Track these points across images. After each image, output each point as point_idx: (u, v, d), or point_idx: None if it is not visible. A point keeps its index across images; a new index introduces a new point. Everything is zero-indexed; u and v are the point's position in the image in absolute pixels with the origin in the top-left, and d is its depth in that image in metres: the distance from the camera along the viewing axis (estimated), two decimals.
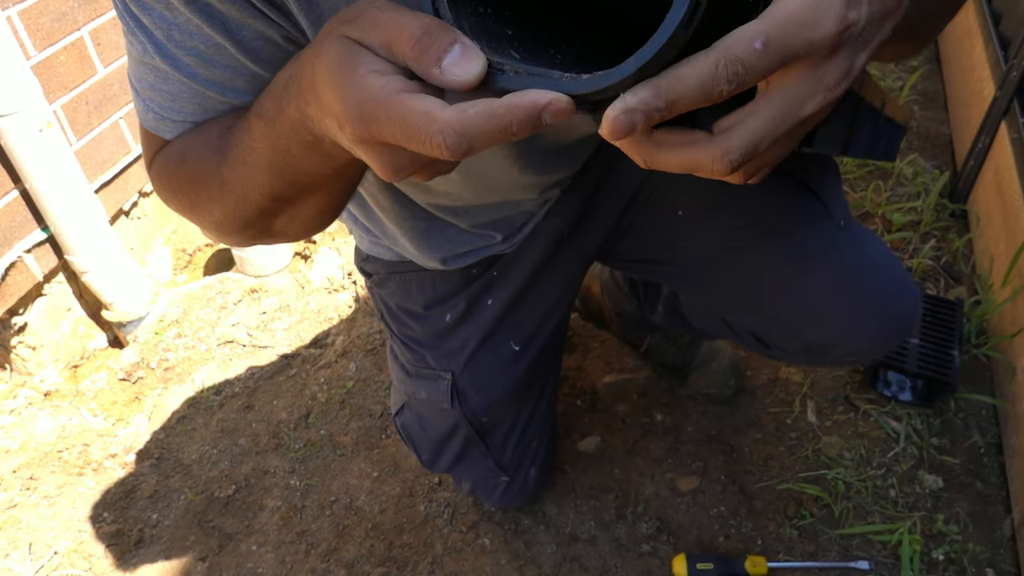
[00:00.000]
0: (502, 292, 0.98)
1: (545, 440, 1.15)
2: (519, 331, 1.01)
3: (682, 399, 1.41)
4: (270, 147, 0.51)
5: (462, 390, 1.01)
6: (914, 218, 1.77)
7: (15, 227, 1.40)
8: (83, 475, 1.35)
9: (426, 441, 1.11)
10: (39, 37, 1.38)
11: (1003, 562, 1.15)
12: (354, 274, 1.73)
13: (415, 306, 1.00)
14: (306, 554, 1.21)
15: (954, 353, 1.34)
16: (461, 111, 0.36)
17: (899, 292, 0.92)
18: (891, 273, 0.92)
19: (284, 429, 1.42)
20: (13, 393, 1.47)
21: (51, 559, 1.22)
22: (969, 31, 2.04)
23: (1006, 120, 1.59)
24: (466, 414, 1.03)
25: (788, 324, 0.95)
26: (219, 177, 0.57)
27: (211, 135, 0.58)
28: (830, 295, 0.89)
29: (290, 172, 0.52)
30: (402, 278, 1.00)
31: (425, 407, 1.06)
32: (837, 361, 0.99)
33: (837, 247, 0.90)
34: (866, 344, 0.92)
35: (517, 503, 1.23)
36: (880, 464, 1.29)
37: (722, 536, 1.20)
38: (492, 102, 0.35)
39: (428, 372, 1.03)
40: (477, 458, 1.10)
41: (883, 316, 0.90)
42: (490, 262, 0.98)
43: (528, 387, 1.06)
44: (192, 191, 0.60)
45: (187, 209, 0.64)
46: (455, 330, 1.00)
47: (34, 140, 1.31)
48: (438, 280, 0.98)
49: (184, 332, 1.59)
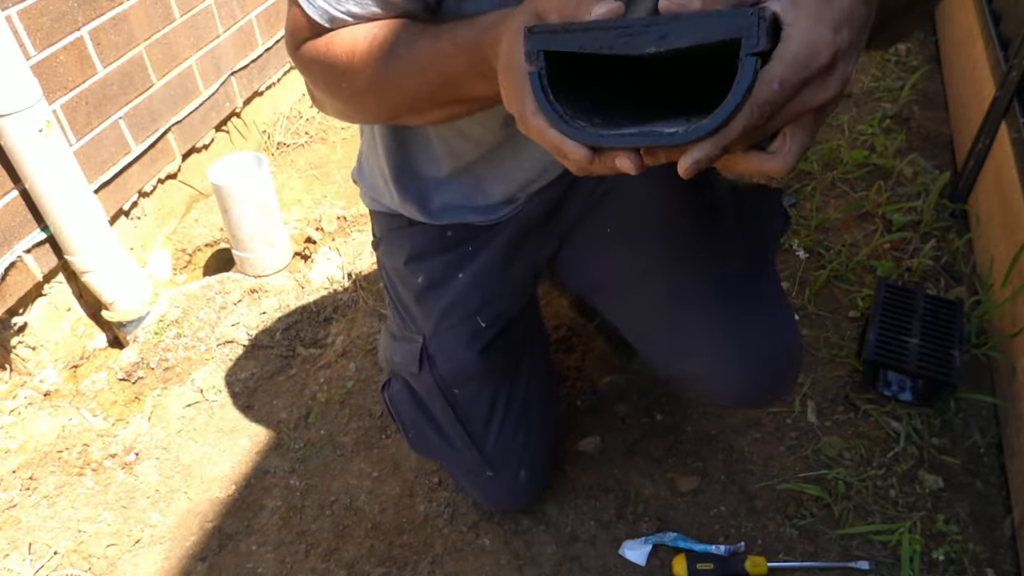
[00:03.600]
0: (472, 268, 1.05)
1: (534, 438, 1.14)
2: (485, 306, 1.06)
3: (682, 399, 1.41)
4: (451, 65, 0.68)
5: (431, 354, 1.06)
6: (914, 218, 1.77)
7: (15, 227, 1.40)
8: (83, 475, 1.35)
9: (410, 413, 1.14)
10: (39, 37, 1.38)
11: (1003, 562, 1.15)
12: (354, 274, 1.73)
13: (398, 262, 1.09)
14: (306, 554, 1.21)
15: (954, 353, 1.34)
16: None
17: (771, 343, 0.97)
18: (771, 326, 0.98)
19: (284, 429, 1.42)
20: (13, 393, 1.47)
21: (51, 559, 1.22)
22: (969, 31, 2.04)
23: (1006, 120, 1.59)
24: (437, 381, 1.07)
25: (663, 354, 1.04)
26: (386, 72, 0.72)
27: (384, 38, 0.72)
28: (704, 335, 0.96)
29: (454, 87, 0.70)
30: (389, 236, 1.10)
31: (403, 372, 1.12)
32: (704, 397, 1.07)
33: (726, 291, 0.97)
34: (729, 389, 0.98)
35: (510, 504, 1.22)
36: (880, 464, 1.29)
37: (722, 536, 1.20)
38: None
39: (407, 335, 1.10)
40: (460, 445, 1.11)
41: (748, 362, 0.95)
42: (466, 236, 1.05)
43: (499, 364, 1.08)
44: (354, 76, 0.74)
45: (328, 83, 0.78)
46: (427, 295, 1.07)
47: (34, 140, 1.31)
48: (416, 236, 1.06)
49: (184, 332, 1.59)
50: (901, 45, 2.48)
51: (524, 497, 1.20)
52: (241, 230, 1.66)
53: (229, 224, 1.67)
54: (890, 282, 1.54)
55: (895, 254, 1.69)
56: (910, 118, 2.13)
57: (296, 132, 2.22)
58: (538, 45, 0.52)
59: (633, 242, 1.03)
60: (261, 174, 1.64)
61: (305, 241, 1.85)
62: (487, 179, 0.99)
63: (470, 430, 1.10)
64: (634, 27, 0.49)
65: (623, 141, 0.50)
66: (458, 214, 1.02)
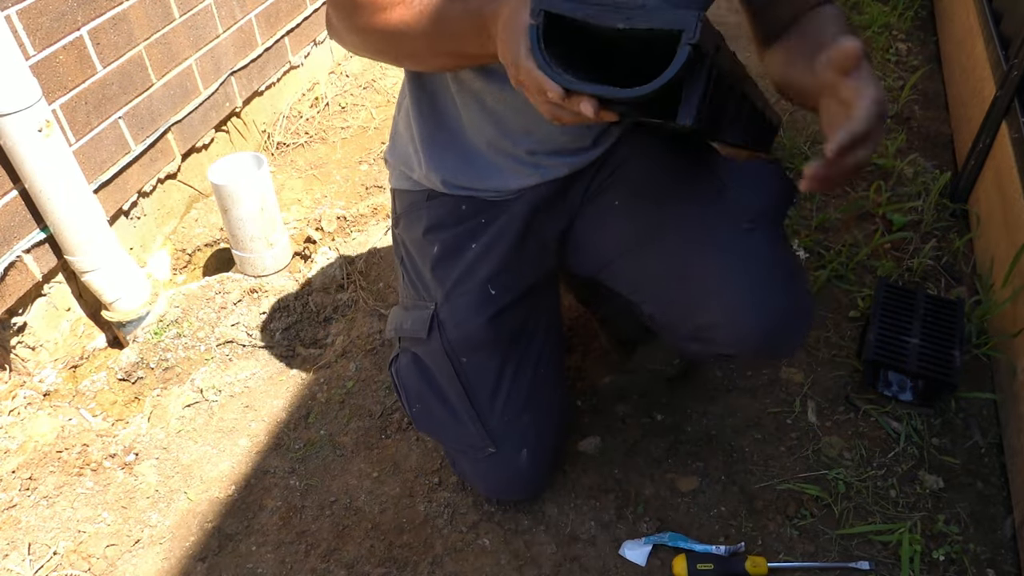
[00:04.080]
0: (485, 239, 1.11)
1: (539, 420, 1.15)
2: (494, 276, 1.11)
3: (682, 399, 1.41)
4: (457, 25, 0.82)
5: (442, 320, 1.11)
6: (915, 218, 1.76)
7: (14, 227, 1.40)
8: (82, 475, 1.35)
9: (416, 385, 1.16)
10: (38, 37, 1.38)
11: (1004, 562, 1.15)
12: (354, 274, 1.73)
13: (417, 233, 1.15)
14: (306, 554, 1.21)
15: (955, 353, 1.34)
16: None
17: (783, 293, 1.01)
18: (781, 274, 1.03)
19: (284, 429, 1.42)
20: (12, 393, 1.47)
21: (50, 559, 1.22)
22: (970, 31, 2.04)
23: (1007, 120, 1.59)
24: (445, 347, 1.11)
25: (683, 306, 1.05)
26: (399, 21, 0.87)
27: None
28: (718, 280, 1.00)
29: (454, 41, 0.85)
30: (411, 209, 1.16)
31: (416, 344, 1.15)
32: (722, 352, 1.07)
33: (736, 243, 1.02)
34: (743, 333, 1.00)
35: (509, 490, 1.22)
36: (880, 464, 1.29)
37: (722, 536, 1.20)
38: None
39: (419, 303, 1.15)
40: (464, 418, 1.12)
41: (761, 309, 0.98)
42: (478, 209, 1.11)
43: (508, 338, 1.12)
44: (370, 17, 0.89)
45: (351, 14, 0.91)
46: (440, 263, 1.12)
47: (33, 140, 1.31)
48: (432, 209, 1.13)
49: (184, 332, 1.59)
50: (901, 45, 2.48)
51: (524, 483, 1.20)
52: (241, 230, 1.66)
53: (229, 224, 1.67)
54: (890, 282, 1.54)
55: (895, 254, 1.69)
56: (910, 118, 2.13)
57: (296, 132, 2.22)
58: (541, 5, 0.67)
59: (641, 210, 1.09)
60: (261, 174, 1.64)
61: (305, 241, 1.85)
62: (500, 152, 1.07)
63: (475, 402, 1.12)
64: (610, 7, 0.65)
65: (588, 89, 0.66)
66: (473, 181, 1.09)
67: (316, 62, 2.36)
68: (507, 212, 1.11)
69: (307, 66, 2.32)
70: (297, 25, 2.21)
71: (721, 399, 1.41)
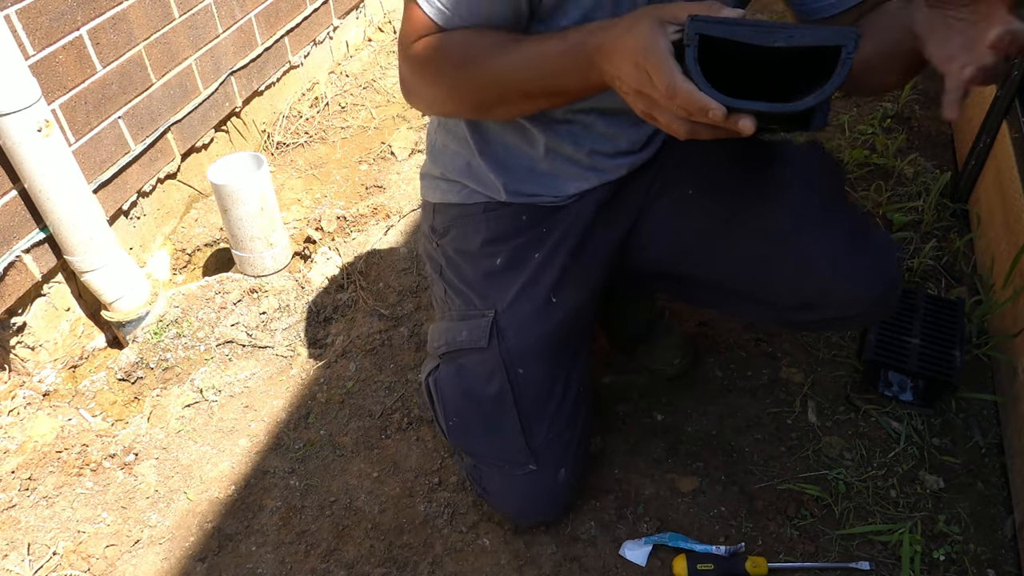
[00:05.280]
0: (546, 249, 1.11)
1: (576, 437, 1.15)
2: (557, 285, 1.11)
3: (682, 399, 1.40)
4: (556, 61, 0.83)
5: (502, 328, 1.09)
6: (915, 218, 1.76)
7: (14, 227, 1.40)
8: (82, 475, 1.34)
9: (457, 398, 1.14)
10: (38, 36, 1.38)
11: (1004, 563, 1.15)
12: (354, 274, 1.73)
13: (472, 246, 1.14)
14: (306, 554, 1.21)
15: (955, 353, 1.34)
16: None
17: (886, 254, 1.06)
18: (880, 238, 1.08)
19: (284, 429, 1.42)
20: (12, 393, 1.47)
21: (50, 559, 1.22)
22: None
23: (1007, 120, 1.59)
24: (503, 355, 1.09)
25: (789, 280, 1.06)
26: (490, 69, 0.87)
27: (495, 39, 0.87)
28: (824, 248, 1.03)
29: (550, 79, 0.85)
30: (462, 222, 1.15)
31: (466, 355, 1.13)
32: (831, 320, 1.09)
33: (831, 213, 1.05)
34: (856, 295, 1.03)
35: (543, 509, 1.18)
36: (881, 464, 1.29)
37: (722, 536, 1.20)
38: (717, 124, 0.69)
39: (474, 313, 1.12)
40: (507, 432, 1.10)
41: (871, 270, 1.03)
42: (539, 218, 1.11)
43: (561, 348, 1.12)
44: (463, 70, 0.89)
45: (437, 74, 0.92)
46: (502, 274, 1.11)
47: (33, 140, 1.31)
48: (491, 221, 1.12)
49: (183, 332, 1.59)
50: None
51: (556, 502, 1.17)
52: (241, 230, 1.66)
53: (229, 224, 1.67)
54: None
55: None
56: (911, 117, 2.13)
57: (296, 132, 2.22)
58: (697, 30, 0.69)
59: (719, 198, 1.10)
60: (261, 174, 1.64)
61: (305, 241, 1.84)
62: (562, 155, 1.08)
63: (523, 416, 1.10)
64: (768, 26, 0.68)
65: (750, 106, 0.68)
66: (534, 188, 1.10)
67: (316, 62, 2.36)
68: (567, 218, 1.11)
69: (307, 66, 2.32)
70: (297, 25, 2.21)
71: (721, 399, 1.41)
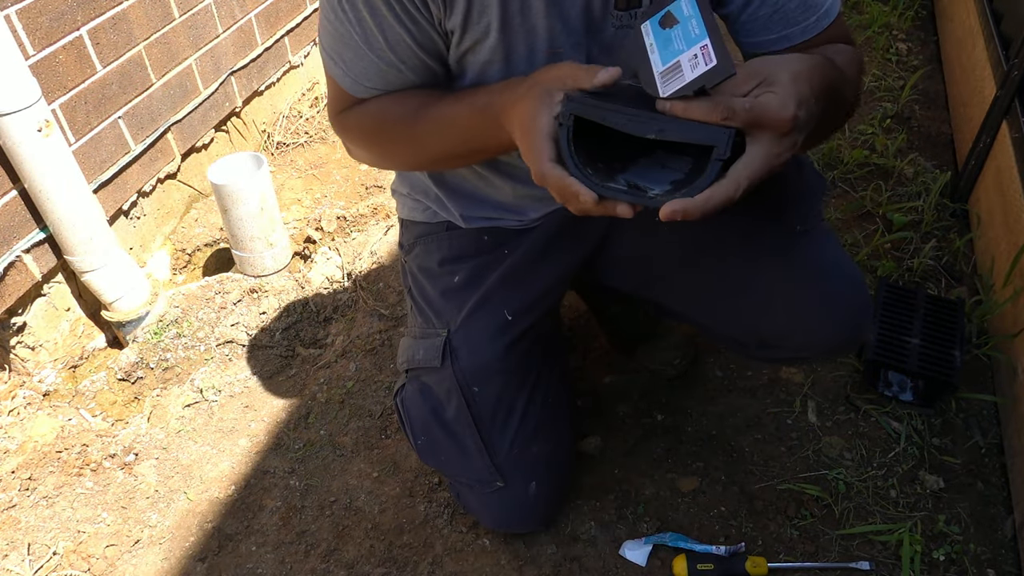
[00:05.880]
0: (504, 267, 1.10)
1: (547, 451, 1.12)
2: (513, 303, 1.09)
3: (682, 399, 1.40)
4: (467, 124, 0.85)
5: (455, 347, 1.08)
6: (915, 218, 1.76)
7: (14, 227, 1.40)
8: (82, 475, 1.34)
9: (423, 417, 1.12)
10: (38, 36, 1.38)
11: (1004, 563, 1.15)
12: (354, 274, 1.73)
13: (432, 263, 1.14)
14: (306, 554, 1.21)
15: (955, 353, 1.34)
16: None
17: (850, 289, 1.01)
18: (843, 272, 1.02)
19: (284, 429, 1.42)
20: (12, 393, 1.47)
21: (50, 559, 1.22)
22: (970, 31, 2.04)
23: (1007, 120, 1.59)
24: (457, 375, 1.07)
25: (745, 319, 1.05)
26: (412, 134, 0.90)
27: (408, 106, 0.89)
28: (782, 289, 1.00)
29: (470, 141, 0.87)
30: (426, 240, 1.15)
31: (426, 374, 1.12)
32: (793, 356, 1.08)
33: (791, 248, 1.02)
34: (817, 336, 1.00)
35: (519, 524, 1.18)
36: (881, 464, 1.29)
37: (722, 536, 1.20)
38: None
39: (430, 332, 1.12)
40: (471, 451, 1.09)
41: (832, 309, 0.99)
42: (500, 240, 1.10)
43: (520, 368, 1.09)
44: (384, 138, 0.94)
45: (364, 142, 0.98)
46: (458, 293, 1.10)
47: (33, 140, 1.31)
48: (453, 240, 1.12)
49: (183, 332, 1.59)
50: (901, 45, 2.48)
51: (532, 516, 1.17)
52: (241, 230, 1.65)
53: (229, 224, 1.67)
54: (891, 282, 1.54)
55: (896, 254, 1.69)
56: (911, 118, 2.13)
57: (296, 132, 2.22)
58: (571, 110, 0.67)
59: (688, 226, 1.06)
60: (261, 174, 1.64)
61: (305, 241, 1.84)
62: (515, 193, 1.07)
63: (484, 434, 1.08)
64: (642, 117, 0.67)
65: (619, 195, 0.68)
66: (492, 215, 1.09)
67: (316, 62, 2.36)
68: (529, 239, 1.09)
69: (307, 66, 2.32)
70: (297, 25, 2.21)
71: (721, 399, 1.41)
